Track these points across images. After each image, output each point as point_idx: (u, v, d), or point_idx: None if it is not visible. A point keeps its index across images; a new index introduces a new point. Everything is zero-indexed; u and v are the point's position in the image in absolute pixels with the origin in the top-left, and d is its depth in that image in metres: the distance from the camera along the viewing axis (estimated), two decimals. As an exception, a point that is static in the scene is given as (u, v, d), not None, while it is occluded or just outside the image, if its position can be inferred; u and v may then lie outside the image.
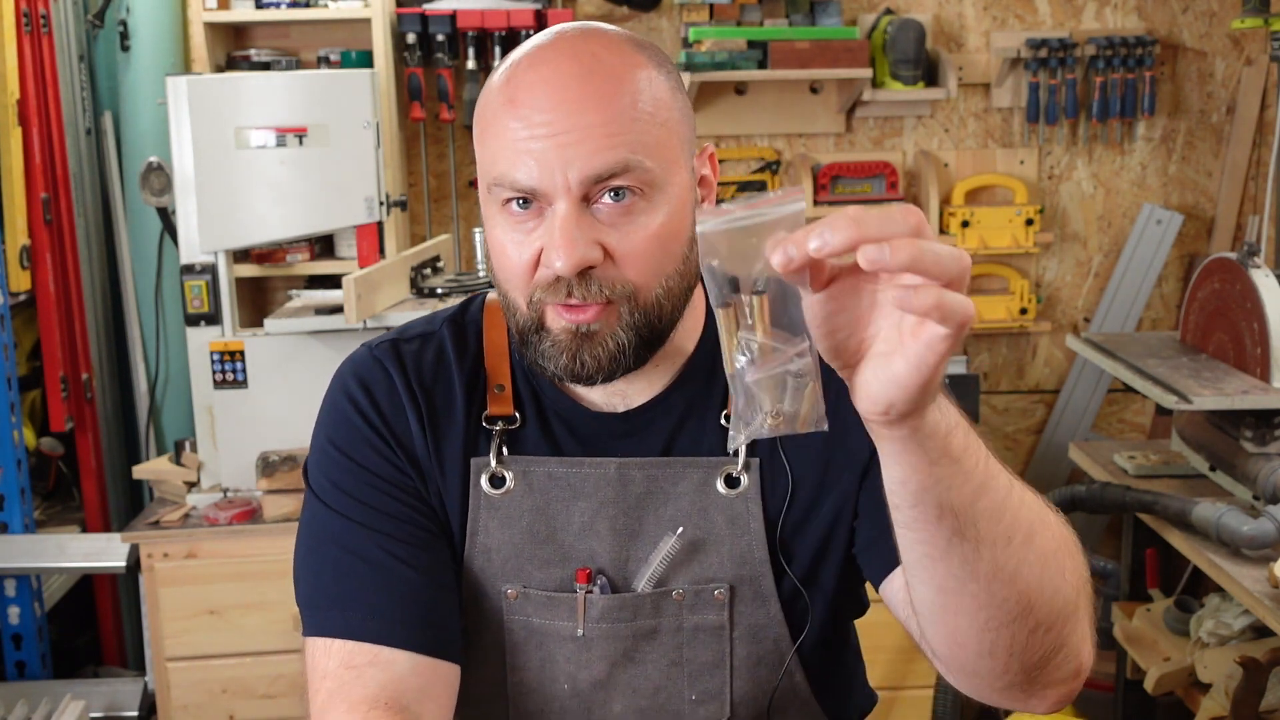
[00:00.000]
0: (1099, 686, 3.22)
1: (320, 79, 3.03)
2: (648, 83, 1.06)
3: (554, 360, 1.09)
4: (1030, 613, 0.97)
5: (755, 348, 0.89)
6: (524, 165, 1.03)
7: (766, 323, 0.89)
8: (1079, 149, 3.70)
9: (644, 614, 1.16)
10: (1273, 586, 2.18)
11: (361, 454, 1.17)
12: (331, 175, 2.82)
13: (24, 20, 3.11)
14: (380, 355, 1.20)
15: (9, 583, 3.06)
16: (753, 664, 1.18)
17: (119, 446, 3.54)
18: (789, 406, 0.90)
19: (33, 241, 3.17)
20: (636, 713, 1.18)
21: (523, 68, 1.06)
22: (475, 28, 3.33)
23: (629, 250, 1.06)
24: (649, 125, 1.05)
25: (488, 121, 1.07)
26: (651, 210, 1.06)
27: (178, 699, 2.74)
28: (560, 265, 1.03)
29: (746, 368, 0.89)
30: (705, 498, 1.16)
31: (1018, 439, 3.84)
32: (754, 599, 1.17)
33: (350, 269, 2.94)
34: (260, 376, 2.75)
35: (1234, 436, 2.53)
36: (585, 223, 1.04)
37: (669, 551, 1.15)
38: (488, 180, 1.07)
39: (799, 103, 3.60)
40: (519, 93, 1.05)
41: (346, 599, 1.12)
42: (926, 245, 0.78)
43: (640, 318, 1.08)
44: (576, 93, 1.03)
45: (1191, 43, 3.66)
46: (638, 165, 1.04)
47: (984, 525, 0.92)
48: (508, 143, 1.04)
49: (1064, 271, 3.76)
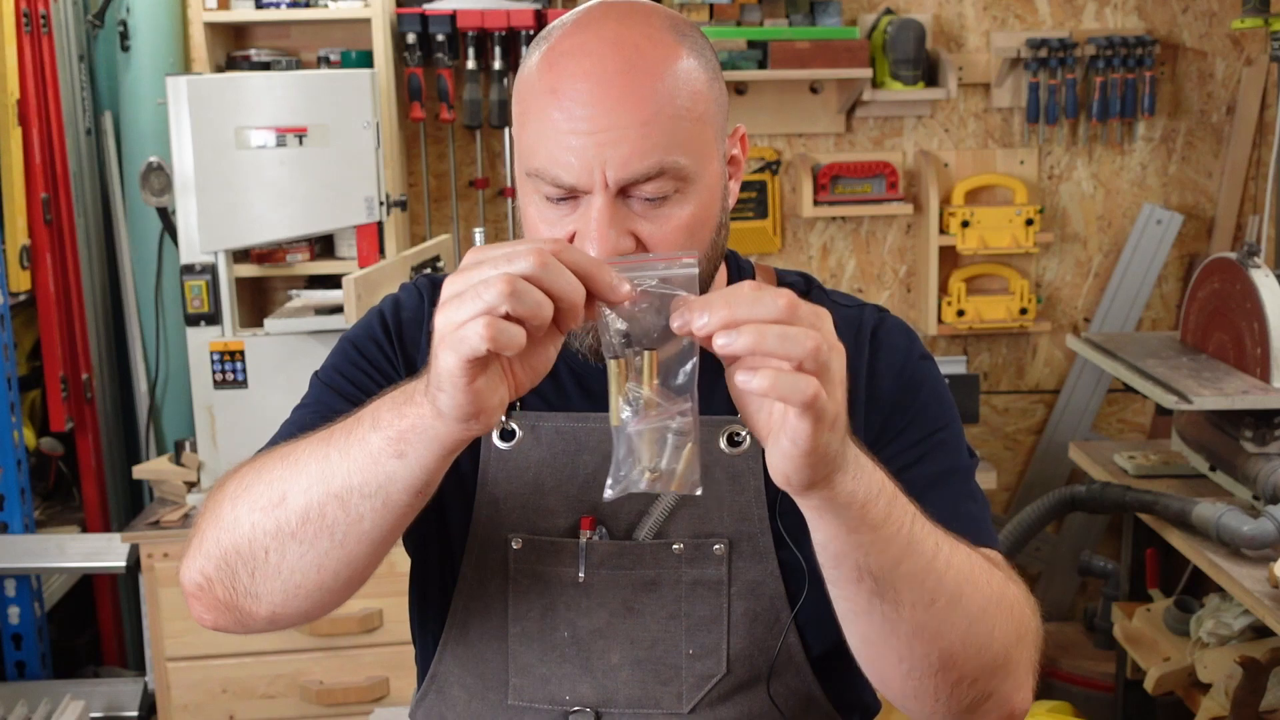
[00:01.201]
0: (1099, 686, 3.22)
1: (320, 79, 3.03)
2: (686, 76, 1.08)
3: (580, 339, 1.13)
4: (953, 667, 1.02)
5: (640, 401, 0.93)
6: (563, 160, 1.05)
7: (654, 379, 0.93)
8: (1079, 149, 3.70)
9: (644, 564, 1.18)
10: (1273, 586, 2.18)
11: (366, 347, 1.24)
12: (331, 175, 2.82)
13: (24, 20, 3.11)
14: (420, 284, 1.29)
15: (9, 583, 3.06)
16: (750, 620, 1.19)
17: (119, 446, 3.54)
18: (666, 464, 0.94)
19: (33, 241, 3.17)
20: (634, 664, 1.19)
21: (566, 53, 1.08)
22: (475, 28, 3.33)
23: (661, 240, 1.08)
24: (686, 121, 1.07)
25: (529, 105, 1.09)
26: (684, 202, 1.09)
27: (178, 699, 2.74)
28: (593, 253, 1.05)
29: (630, 419, 0.93)
30: (708, 454, 1.17)
31: (1018, 439, 3.84)
32: (752, 555, 1.19)
33: (350, 269, 2.94)
34: (260, 376, 2.76)
35: (1234, 436, 2.53)
36: (619, 214, 1.06)
37: (669, 502, 1.18)
38: (526, 168, 1.09)
39: (799, 103, 3.60)
40: (561, 84, 1.06)
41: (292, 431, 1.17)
42: (774, 329, 0.84)
43: None
44: (618, 90, 1.05)
45: (1191, 43, 3.66)
46: (673, 166, 1.06)
47: (905, 589, 0.97)
48: (549, 134, 1.06)
49: (1064, 271, 3.76)
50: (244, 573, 1.05)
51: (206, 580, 1.07)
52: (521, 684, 1.20)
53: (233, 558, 1.05)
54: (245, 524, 1.04)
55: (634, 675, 1.19)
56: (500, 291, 0.86)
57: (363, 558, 1.03)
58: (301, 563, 1.03)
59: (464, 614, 1.22)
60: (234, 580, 1.06)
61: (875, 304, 1.28)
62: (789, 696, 1.22)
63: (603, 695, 1.19)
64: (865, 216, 3.67)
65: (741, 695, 1.20)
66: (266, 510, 1.02)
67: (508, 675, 1.21)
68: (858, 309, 1.26)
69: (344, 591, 1.07)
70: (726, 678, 1.19)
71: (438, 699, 1.25)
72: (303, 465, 1.01)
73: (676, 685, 1.19)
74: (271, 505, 1.02)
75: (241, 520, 1.04)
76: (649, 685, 1.19)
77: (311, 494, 1.00)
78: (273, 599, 1.06)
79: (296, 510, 1.01)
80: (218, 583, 1.06)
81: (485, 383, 0.90)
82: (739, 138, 1.18)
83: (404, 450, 0.95)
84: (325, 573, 1.03)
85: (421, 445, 0.95)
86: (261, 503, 1.03)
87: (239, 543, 1.04)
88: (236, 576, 1.05)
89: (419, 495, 0.99)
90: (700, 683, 1.19)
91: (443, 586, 1.24)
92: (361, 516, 0.99)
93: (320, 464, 1.00)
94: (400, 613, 1.30)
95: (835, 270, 3.72)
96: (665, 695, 1.19)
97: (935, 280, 3.60)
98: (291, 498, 1.01)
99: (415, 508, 1.01)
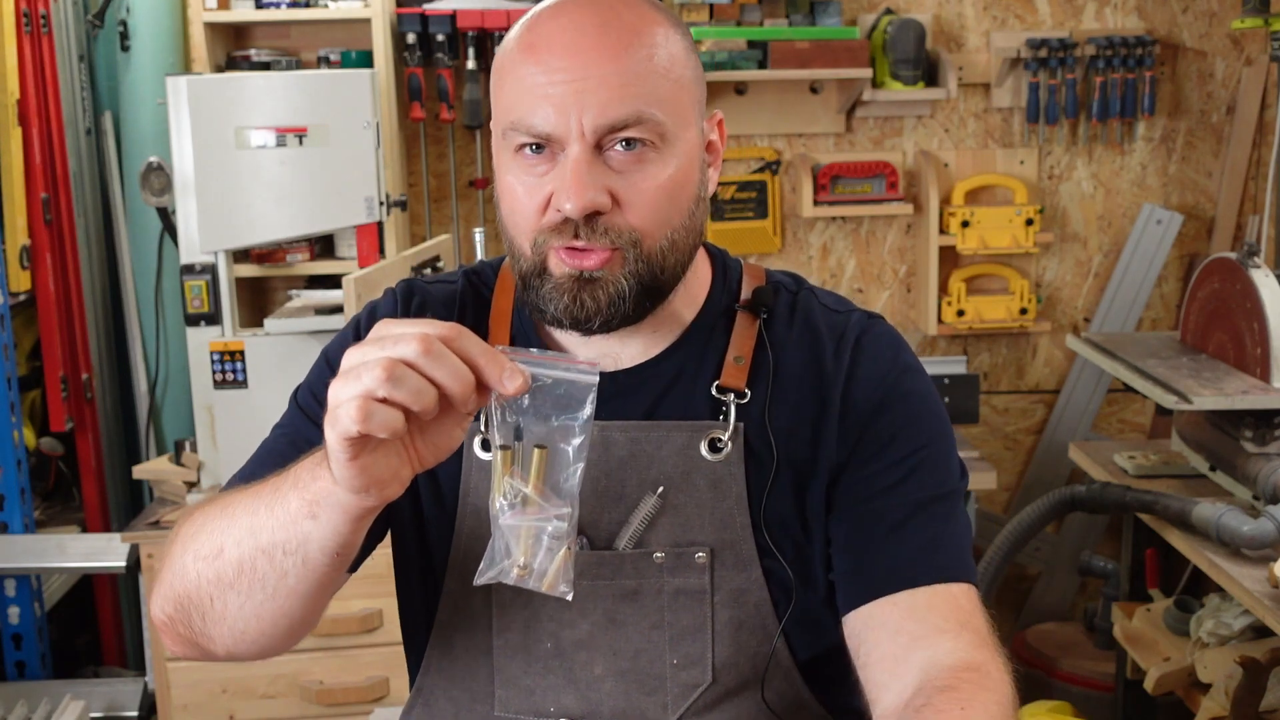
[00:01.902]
0: (1099, 686, 3.22)
1: (320, 79, 3.03)
2: (664, 39, 1.10)
3: (554, 302, 1.11)
4: None
5: (520, 496, 0.95)
6: (540, 110, 1.06)
7: (539, 477, 0.95)
8: (1079, 149, 3.70)
9: (625, 574, 1.17)
10: (1273, 586, 2.18)
11: None
12: (331, 175, 2.82)
13: (24, 20, 3.11)
14: (397, 289, 1.28)
15: (9, 583, 3.06)
16: (734, 628, 1.18)
17: (119, 446, 3.54)
18: (539, 564, 0.95)
19: (33, 241, 3.17)
20: (618, 675, 1.18)
21: (544, 18, 1.10)
22: (475, 28, 3.33)
23: (636, 198, 1.08)
24: (663, 80, 1.08)
25: (505, 69, 1.10)
26: (661, 161, 1.09)
27: (178, 699, 2.74)
28: (569, 207, 1.06)
29: (506, 511, 0.95)
30: (688, 461, 1.17)
31: (1018, 439, 3.84)
32: (735, 564, 1.18)
33: (350, 269, 2.94)
34: (260, 376, 2.75)
35: (1234, 436, 2.53)
36: (596, 168, 1.07)
37: (649, 511, 1.17)
38: (503, 125, 1.10)
39: (799, 103, 3.60)
40: (538, 40, 1.08)
41: (256, 467, 1.20)
42: None
43: (643, 266, 1.10)
44: (595, 40, 1.06)
45: (1191, 43, 3.66)
46: (650, 117, 1.07)
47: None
48: (525, 88, 1.07)
49: (1064, 271, 3.76)
50: (196, 616, 1.09)
51: (168, 619, 1.11)
52: (507, 696, 1.20)
53: (185, 603, 1.09)
54: (192, 572, 1.07)
55: (618, 686, 1.18)
56: (377, 377, 0.87)
57: (297, 610, 1.06)
58: (242, 612, 1.06)
59: (448, 627, 1.21)
60: (189, 622, 1.09)
61: (868, 310, 1.26)
62: (780, 702, 1.21)
63: (588, 706, 1.19)
64: (865, 216, 3.67)
65: (729, 703, 1.19)
66: (208, 560, 1.06)
67: (493, 687, 1.20)
68: (845, 314, 1.24)
69: (288, 638, 1.10)
70: (713, 686, 1.18)
71: (425, 711, 1.25)
72: (238, 519, 1.04)
73: (661, 695, 1.18)
74: (212, 555, 1.05)
75: (189, 568, 1.07)
76: (633, 696, 1.18)
77: (244, 547, 1.03)
78: (224, 641, 1.09)
79: (232, 562, 1.04)
80: (178, 621, 1.10)
81: (371, 459, 0.92)
82: (717, 123, 1.19)
83: (316, 513, 0.98)
84: (264, 622, 1.07)
85: (329, 510, 0.97)
86: (204, 552, 1.06)
87: (189, 589, 1.08)
88: (190, 620, 1.09)
89: (337, 556, 1.00)
90: (686, 692, 1.18)
91: (426, 598, 1.23)
92: (286, 573, 1.02)
93: (250, 518, 1.02)
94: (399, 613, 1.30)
95: (835, 270, 3.72)
96: (650, 705, 1.18)
97: (935, 280, 3.60)
98: (228, 550, 1.04)
99: (338, 568, 1.03)
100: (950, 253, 3.62)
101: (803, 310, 1.24)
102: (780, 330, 1.22)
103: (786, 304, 1.24)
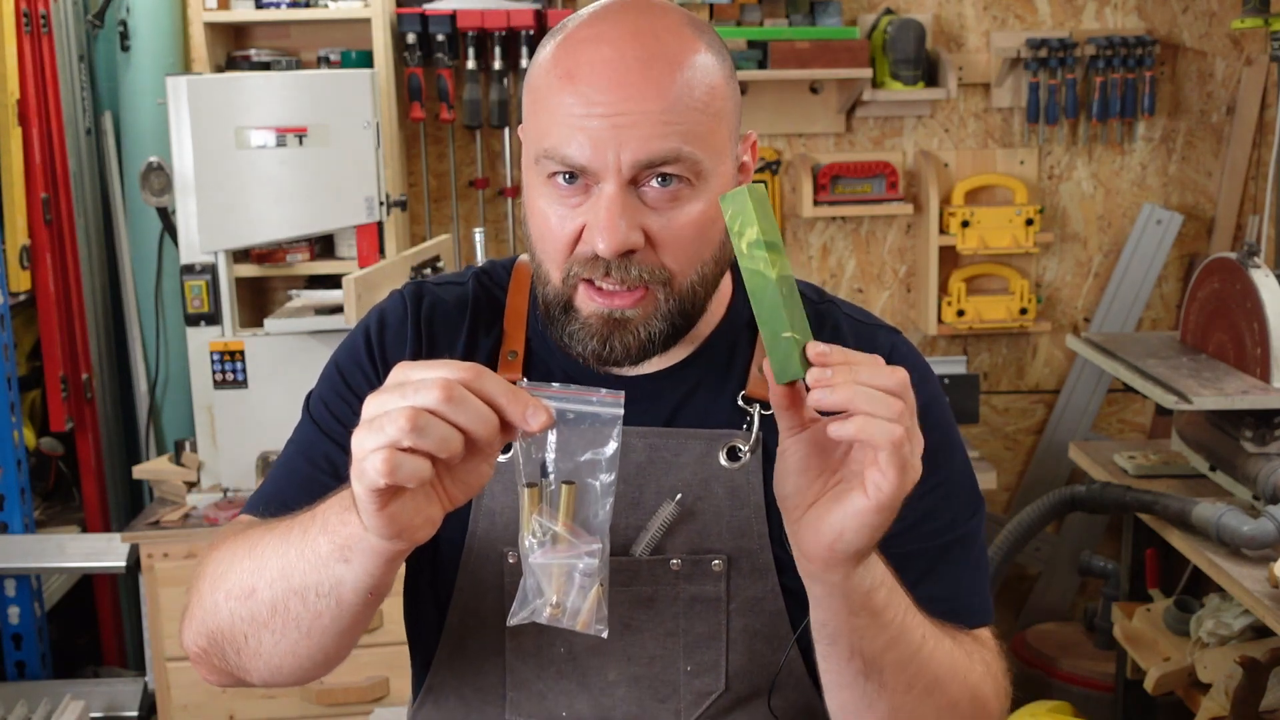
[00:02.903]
0: (1099, 686, 3.22)
1: (320, 79, 3.03)
2: (704, 71, 1.07)
3: (583, 344, 1.11)
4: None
5: (550, 534, 0.94)
6: (577, 142, 1.04)
7: (568, 514, 0.94)
8: (1079, 149, 3.70)
9: (641, 580, 1.17)
10: (1273, 586, 2.18)
11: (352, 375, 1.22)
12: (331, 175, 2.82)
13: (24, 20, 3.11)
14: (406, 292, 1.26)
15: (9, 583, 3.06)
16: (749, 637, 1.18)
17: (119, 446, 3.54)
18: (572, 601, 0.94)
19: (33, 241, 3.17)
20: (631, 681, 1.18)
21: (583, 42, 1.07)
22: (475, 28, 3.33)
23: (670, 237, 1.07)
24: (702, 115, 1.06)
25: (542, 93, 1.08)
26: (695, 199, 1.07)
27: (178, 699, 2.74)
28: (602, 247, 1.05)
29: (536, 549, 0.94)
30: (706, 469, 1.17)
31: (1018, 439, 3.84)
32: (752, 572, 1.17)
33: (350, 269, 2.94)
34: (260, 376, 2.75)
35: (1234, 436, 2.53)
36: (630, 206, 1.05)
37: (667, 518, 1.16)
38: (536, 151, 1.08)
39: (799, 103, 3.60)
40: (578, 69, 1.05)
41: (275, 489, 1.20)
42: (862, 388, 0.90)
43: (675, 305, 1.10)
44: (637, 76, 1.04)
45: (1191, 43, 3.66)
46: (689, 155, 1.05)
47: (889, 673, 1.03)
48: (561, 117, 1.05)
49: (1064, 271, 3.76)
50: (230, 652, 1.09)
51: (202, 651, 1.12)
52: (519, 699, 1.19)
53: (218, 639, 1.09)
54: (224, 611, 1.08)
55: (631, 692, 1.18)
56: (401, 427, 0.86)
57: (332, 645, 1.06)
58: (277, 649, 1.06)
59: (460, 628, 1.21)
60: (224, 657, 1.10)
61: (888, 325, 1.27)
62: (789, 710, 1.21)
63: (600, 712, 1.18)
64: (865, 216, 3.68)
65: (741, 711, 1.19)
66: (240, 600, 1.06)
67: (505, 690, 1.20)
68: (871, 327, 1.25)
69: (324, 668, 1.11)
70: (725, 694, 1.18)
71: (435, 710, 1.25)
72: (268, 560, 1.04)
73: (674, 702, 1.18)
74: (244, 595, 1.06)
75: (220, 607, 1.08)
76: (646, 702, 1.18)
77: (276, 589, 1.03)
78: (260, 673, 1.10)
79: (265, 603, 1.04)
80: (212, 654, 1.11)
81: (400, 507, 0.91)
82: (750, 144, 1.17)
83: (348, 557, 0.97)
84: (300, 657, 1.07)
85: (361, 555, 0.96)
86: (236, 592, 1.07)
87: (222, 627, 1.08)
88: (225, 655, 1.10)
89: (371, 595, 1.00)
90: (698, 700, 1.18)
91: (437, 599, 1.23)
92: (320, 613, 1.02)
93: (281, 560, 1.03)
94: (400, 613, 1.29)
95: (835, 270, 3.72)
96: (663, 712, 1.18)
97: (935, 280, 3.60)
98: (260, 591, 1.04)
99: (372, 605, 1.03)
100: (950, 253, 3.62)
101: (830, 323, 1.23)
102: None
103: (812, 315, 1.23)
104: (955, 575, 1.18)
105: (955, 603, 1.16)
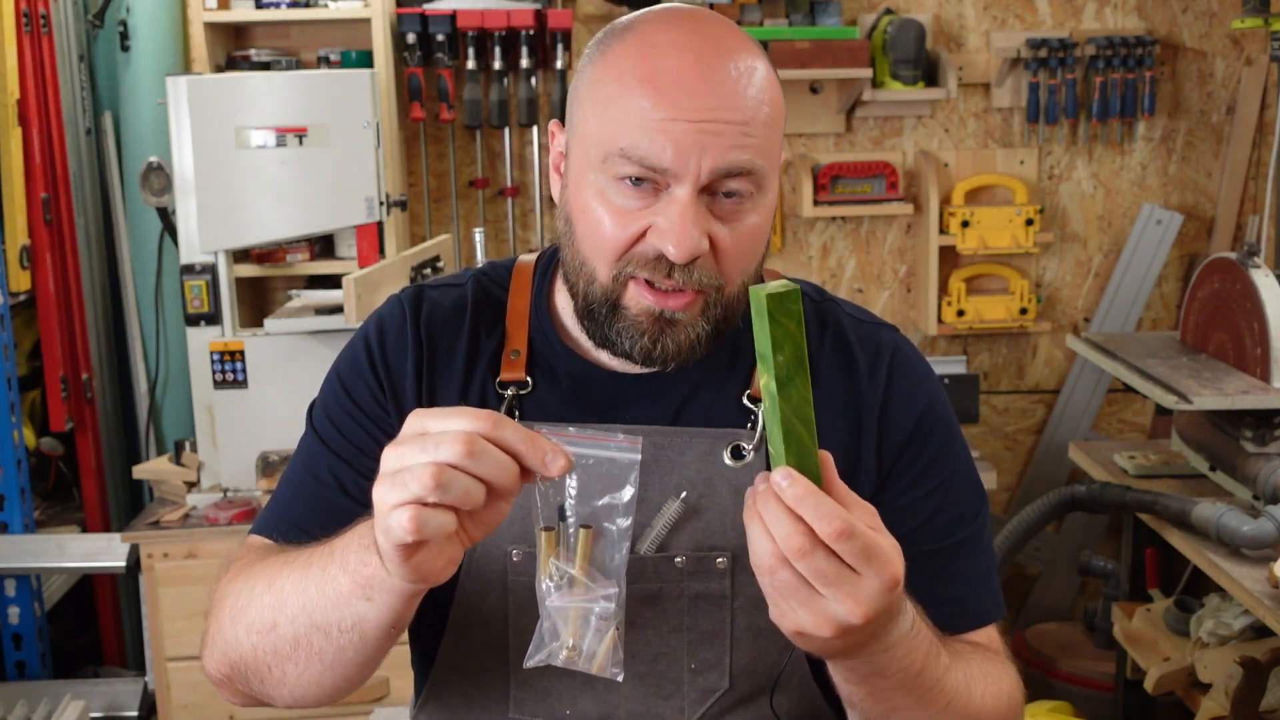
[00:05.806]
0: (1099, 686, 3.22)
1: (320, 79, 3.03)
2: (771, 86, 1.10)
3: (632, 341, 1.11)
4: None
5: (567, 578, 0.95)
6: (658, 144, 1.04)
7: (585, 558, 0.95)
8: (1079, 149, 3.70)
9: (645, 578, 1.17)
10: (1273, 586, 2.18)
11: (355, 387, 1.22)
12: (331, 175, 2.82)
13: (24, 20, 3.11)
14: (404, 298, 1.26)
15: (9, 583, 3.06)
16: (753, 635, 1.18)
17: (119, 446, 3.54)
18: (588, 645, 0.95)
19: (33, 241, 3.17)
20: (635, 678, 1.18)
21: (663, 47, 1.07)
22: (475, 28, 3.33)
23: (731, 245, 1.09)
24: (768, 130, 1.08)
25: (614, 95, 1.07)
26: (755, 211, 1.10)
27: (178, 699, 2.74)
28: (674, 252, 1.06)
29: (553, 592, 0.95)
30: (710, 468, 1.17)
31: (1018, 439, 3.84)
32: None
33: (350, 269, 2.94)
34: (260, 376, 2.75)
35: (1234, 436, 2.53)
36: (700, 213, 1.06)
37: (672, 515, 1.17)
38: (606, 150, 1.07)
39: (799, 103, 3.60)
40: (659, 74, 1.05)
41: (285, 509, 1.20)
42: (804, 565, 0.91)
43: (720, 311, 1.11)
44: (723, 86, 1.05)
45: (1191, 43, 3.66)
46: (759, 168, 1.07)
47: (907, 713, 1.05)
48: (641, 120, 1.05)
49: (1064, 271, 3.76)
50: (254, 680, 1.11)
51: (225, 678, 1.14)
52: (522, 696, 1.20)
53: (241, 668, 1.11)
54: (246, 644, 1.09)
55: (635, 689, 1.18)
56: (425, 485, 0.87)
57: (355, 673, 1.08)
58: (301, 680, 1.08)
59: (463, 625, 1.21)
60: (247, 683, 1.12)
61: (888, 323, 1.27)
62: (792, 709, 1.21)
63: (604, 709, 1.18)
64: (865, 216, 3.68)
65: (744, 709, 1.19)
66: (262, 634, 1.07)
67: (509, 687, 1.20)
68: (872, 325, 1.25)
69: (349, 691, 1.12)
70: (729, 692, 1.18)
71: (438, 707, 1.25)
72: (287, 595, 1.05)
73: (678, 700, 1.18)
74: (265, 630, 1.07)
75: (242, 640, 1.09)
76: (650, 700, 1.18)
77: (298, 624, 1.04)
78: (284, 700, 1.12)
79: (287, 638, 1.05)
80: (235, 680, 1.13)
81: (425, 555, 0.92)
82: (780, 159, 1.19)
83: (370, 596, 0.98)
84: (324, 685, 1.08)
85: (382, 594, 0.97)
86: (257, 626, 1.08)
87: (244, 658, 1.10)
88: (249, 682, 1.12)
89: (394, 628, 1.01)
90: (702, 697, 1.18)
91: (439, 596, 1.22)
92: (343, 647, 1.03)
93: (301, 596, 1.03)
94: (400, 613, 1.29)
95: (835, 270, 3.72)
96: (667, 710, 1.18)
97: (935, 280, 3.60)
98: (281, 626, 1.05)
99: (394, 636, 1.04)
100: (950, 253, 3.62)
101: (832, 322, 1.24)
102: (812, 342, 1.21)
103: (813, 314, 1.24)
104: (966, 574, 1.19)
105: (967, 602, 1.17)
